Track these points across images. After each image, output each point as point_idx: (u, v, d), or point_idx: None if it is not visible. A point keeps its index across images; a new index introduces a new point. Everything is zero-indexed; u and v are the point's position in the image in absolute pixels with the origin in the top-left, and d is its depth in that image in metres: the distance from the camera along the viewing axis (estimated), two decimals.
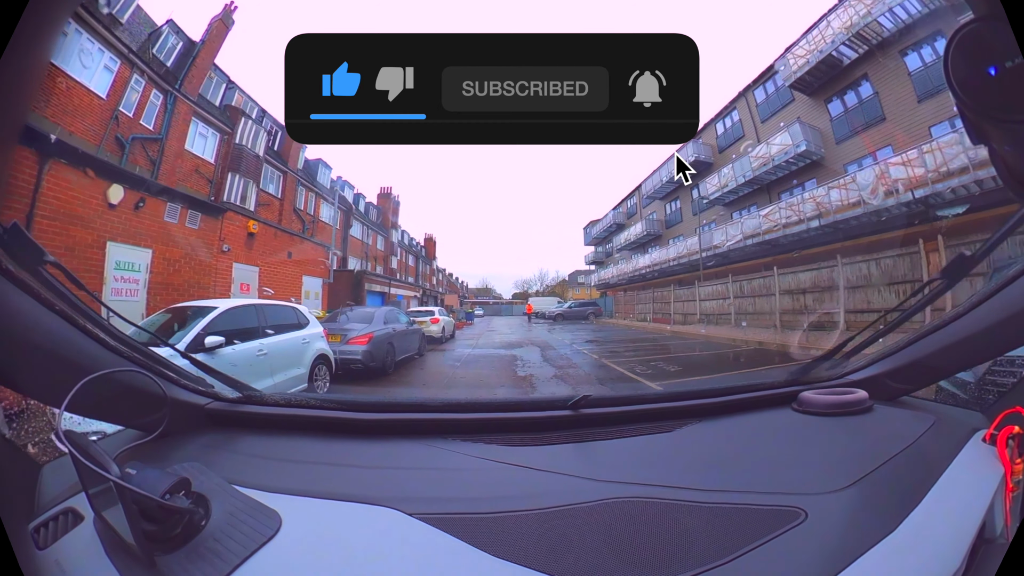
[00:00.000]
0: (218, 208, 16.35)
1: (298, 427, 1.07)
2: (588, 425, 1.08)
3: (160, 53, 15.61)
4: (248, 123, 18.85)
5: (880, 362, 1.27)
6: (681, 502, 0.77)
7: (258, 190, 19.01)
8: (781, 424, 1.14)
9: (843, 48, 18.56)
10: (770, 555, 0.65)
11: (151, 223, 12.51)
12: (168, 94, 15.37)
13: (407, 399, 1.36)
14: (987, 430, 0.97)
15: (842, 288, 13.41)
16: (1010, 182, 0.58)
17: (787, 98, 21.51)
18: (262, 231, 18.51)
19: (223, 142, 18.02)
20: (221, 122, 17.89)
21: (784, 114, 21.44)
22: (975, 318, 1.05)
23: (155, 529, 0.62)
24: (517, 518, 0.72)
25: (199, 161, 17.04)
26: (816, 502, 0.75)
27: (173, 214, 13.84)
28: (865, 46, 17.52)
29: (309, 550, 0.66)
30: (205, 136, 17.52)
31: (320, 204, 24.52)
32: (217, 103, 18.82)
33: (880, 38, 16.75)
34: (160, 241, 12.86)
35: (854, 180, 16.64)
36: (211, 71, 18.41)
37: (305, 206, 23.28)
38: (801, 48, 20.14)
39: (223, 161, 17.81)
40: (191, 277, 13.74)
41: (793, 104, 21.19)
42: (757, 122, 22.84)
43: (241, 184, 17.82)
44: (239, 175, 17.83)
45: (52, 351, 0.76)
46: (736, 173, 21.85)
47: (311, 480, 0.84)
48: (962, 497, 0.79)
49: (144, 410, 0.93)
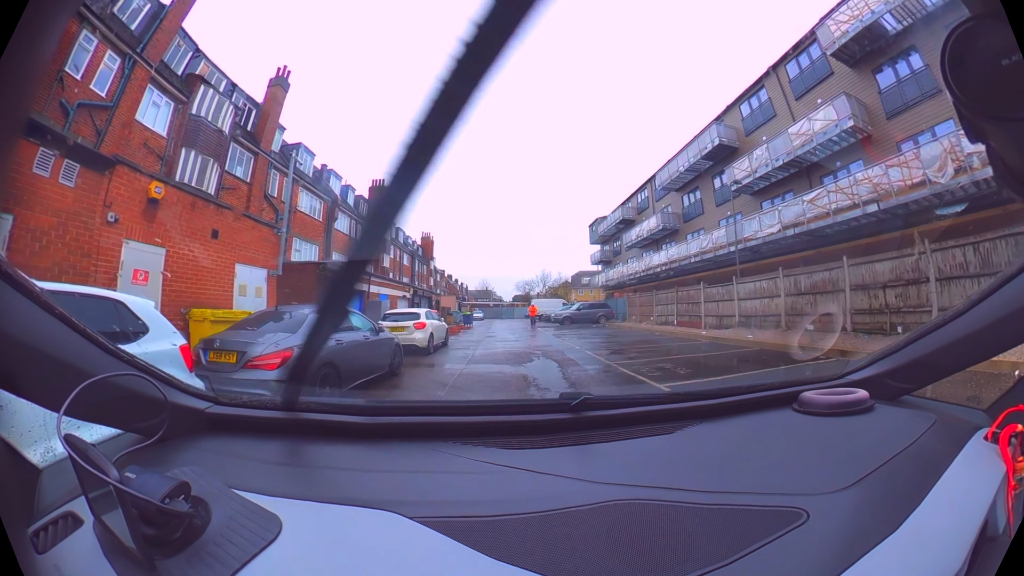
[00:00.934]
0: (105, 160, 11.23)
1: (298, 431, 1.06)
2: (589, 427, 1.08)
3: (123, 14, 13.40)
4: (209, 93, 16.20)
5: (880, 361, 1.29)
6: (682, 504, 0.76)
7: (221, 171, 16.35)
8: (782, 425, 1.14)
9: (889, 17, 16.14)
10: (772, 556, 0.64)
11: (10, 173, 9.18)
12: (126, 57, 12.85)
13: (407, 402, 1.29)
14: (989, 428, 0.98)
15: (933, 280, 10.76)
16: (1009, 180, 0.58)
17: (824, 71, 19.00)
18: (172, 197, 13.33)
19: (177, 112, 15.39)
20: (178, 90, 15.28)
21: (822, 90, 18.93)
22: (975, 316, 1.07)
23: (155, 533, 0.61)
24: (518, 521, 0.72)
25: (149, 133, 14.46)
26: (818, 502, 0.75)
27: (45, 164, 9.60)
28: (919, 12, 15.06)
29: (310, 554, 0.65)
30: (159, 105, 14.94)
31: (299, 192, 21.86)
32: (180, 72, 16.30)
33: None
34: (22, 202, 8.87)
35: (917, 156, 14.04)
36: (178, 36, 15.97)
37: (279, 193, 20.66)
38: (843, 13, 17.69)
39: (176, 134, 15.18)
40: (64, 257, 9.64)
41: (832, 78, 18.70)
42: (790, 99, 20.29)
43: (198, 162, 15.16)
44: (195, 151, 15.18)
45: (51, 354, 0.77)
46: (771, 155, 19.23)
47: (311, 484, 0.84)
48: (964, 496, 0.79)
49: (144, 414, 0.92)
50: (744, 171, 20.35)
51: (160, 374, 1.00)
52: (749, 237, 19.28)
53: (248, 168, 18.69)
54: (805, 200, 17.47)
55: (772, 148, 19.22)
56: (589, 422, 1.08)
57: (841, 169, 18.09)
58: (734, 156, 22.49)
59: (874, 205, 15.40)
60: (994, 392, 1.32)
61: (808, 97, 19.37)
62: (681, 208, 28.09)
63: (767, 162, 19.33)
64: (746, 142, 22.27)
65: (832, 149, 17.87)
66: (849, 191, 16.25)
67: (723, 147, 22.98)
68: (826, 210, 16.82)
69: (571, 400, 1.08)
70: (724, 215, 23.56)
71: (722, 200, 24.03)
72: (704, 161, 24.49)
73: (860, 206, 15.74)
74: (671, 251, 26.52)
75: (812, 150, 17.89)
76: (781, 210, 18.26)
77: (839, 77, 18.31)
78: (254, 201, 18.82)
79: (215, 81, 18.05)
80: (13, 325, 0.71)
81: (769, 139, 20.08)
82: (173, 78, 15.42)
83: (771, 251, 18.85)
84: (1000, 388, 1.25)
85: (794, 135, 18.39)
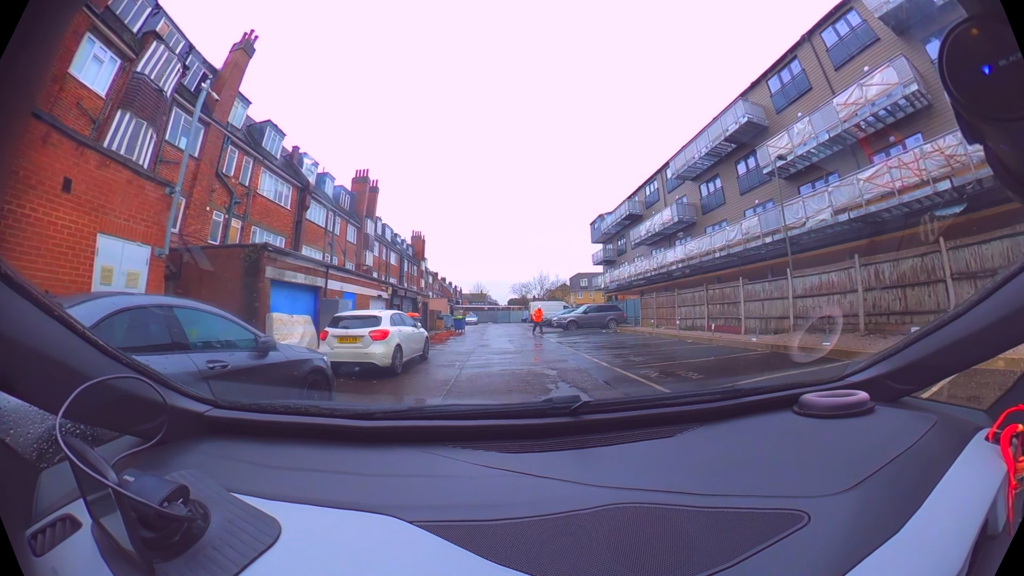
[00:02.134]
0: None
1: (297, 434, 1.06)
2: (589, 431, 1.07)
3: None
4: (160, 50, 13.33)
5: (880, 363, 1.28)
6: (683, 507, 0.76)
7: (159, 139, 13.39)
8: (782, 427, 1.12)
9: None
10: (773, 559, 0.64)
11: None
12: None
13: (407, 406, 1.18)
14: (990, 429, 0.98)
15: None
16: (1007, 180, 0.58)
17: (869, 37, 16.39)
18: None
19: (122, 70, 12.50)
20: (127, 45, 12.39)
21: (866, 57, 16.33)
22: (975, 317, 1.05)
23: (154, 536, 0.61)
24: (518, 525, 0.72)
25: (85, 92, 11.59)
26: (819, 505, 0.74)
27: None
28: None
29: (309, 558, 0.65)
30: (101, 60, 12.08)
31: (261, 173, 18.89)
32: (136, 30, 13.45)
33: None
34: None
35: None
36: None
37: (237, 174, 17.68)
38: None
39: (115, 95, 12.29)
40: None
41: (878, 44, 16.10)
42: (828, 69, 17.67)
43: (131, 126, 12.22)
44: (131, 113, 12.27)
45: (50, 356, 0.77)
46: (816, 127, 16.54)
47: (310, 488, 0.83)
48: (965, 496, 0.79)
49: (143, 417, 0.93)
50: (783, 150, 17.61)
51: (159, 377, 0.99)
52: (794, 224, 16.52)
53: (197, 140, 15.76)
54: (860, 179, 14.78)
55: (817, 120, 16.53)
56: (588, 426, 1.08)
57: (896, 145, 15.49)
58: (763, 137, 19.81)
59: (946, 182, 12.77)
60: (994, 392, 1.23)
61: (849, 68, 16.78)
62: (699, 199, 25.35)
63: (811, 137, 16.62)
64: (776, 120, 19.62)
65: (886, 121, 15.25)
66: (914, 166, 13.62)
67: (750, 126, 20.26)
68: (889, 188, 14.14)
69: (570, 404, 1.07)
70: (751, 204, 20.85)
71: (748, 187, 21.32)
72: (726, 144, 21.79)
73: (930, 183, 13.10)
74: (690, 246, 23.73)
75: (865, 119, 15.21)
76: (831, 191, 15.53)
77: (885, 45, 15.74)
78: (202, 179, 15.83)
79: (174, 43, 15.20)
80: (11, 327, 0.71)
81: (805, 114, 17.47)
82: (120, 29, 12.58)
83: (815, 242, 16.17)
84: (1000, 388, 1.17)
85: (841, 105, 15.72)
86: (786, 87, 19.57)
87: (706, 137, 22.72)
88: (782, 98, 19.69)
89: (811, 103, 17.80)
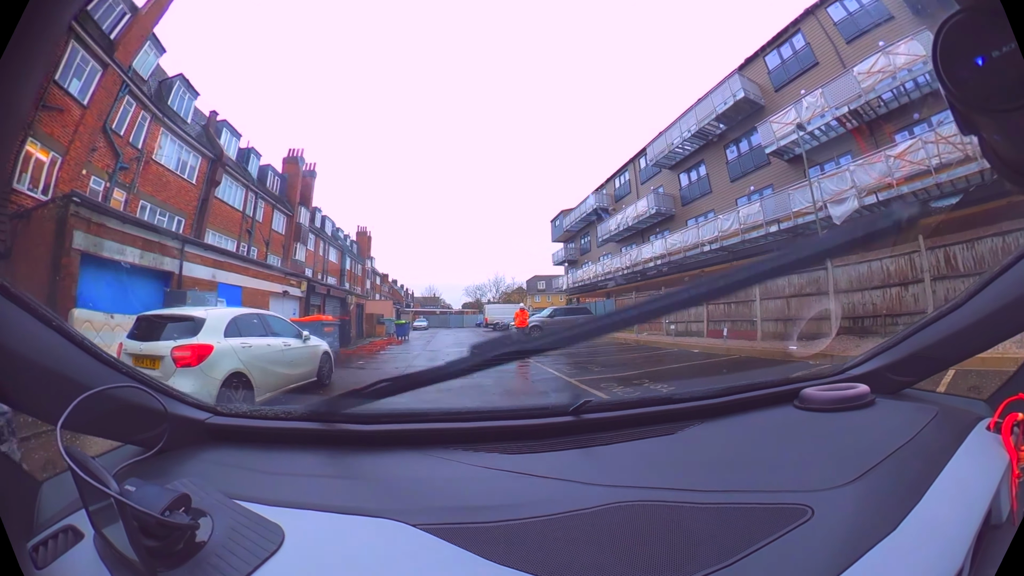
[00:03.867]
0: None
1: (298, 440, 1.05)
2: (590, 430, 1.06)
3: None
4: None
5: (880, 355, 1.28)
6: (686, 504, 0.76)
7: (46, 82, 9.25)
8: (783, 422, 1.12)
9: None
10: (777, 554, 0.64)
11: None
12: None
13: (407, 409, 1.15)
14: (991, 419, 0.98)
15: None
16: (1004, 171, 0.58)
17: (883, 13, 14.62)
18: None
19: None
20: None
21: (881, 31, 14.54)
22: (973, 308, 1.06)
23: (156, 546, 0.60)
24: (521, 525, 0.71)
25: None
26: (821, 499, 0.74)
27: None
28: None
29: (313, 564, 0.65)
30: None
31: (160, 135, 14.67)
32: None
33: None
34: None
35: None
36: None
37: (129, 132, 13.47)
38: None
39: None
40: None
41: (894, 21, 14.36)
42: (838, 42, 15.80)
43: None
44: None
45: (48, 367, 0.76)
46: (830, 100, 14.48)
47: (313, 493, 0.82)
48: (968, 486, 0.79)
49: (143, 426, 0.92)
50: (788, 125, 15.47)
51: (159, 385, 1.00)
52: (805, 210, 14.35)
53: (91, 85, 11.63)
54: (890, 155, 12.77)
55: (831, 92, 14.48)
56: (590, 425, 1.07)
57: (921, 122, 13.73)
58: (759, 116, 17.76)
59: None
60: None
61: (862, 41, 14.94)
62: (678, 189, 23.16)
63: (825, 110, 14.53)
64: (775, 98, 17.63)
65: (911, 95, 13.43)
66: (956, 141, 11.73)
67: (747, 103, 18.15)
68: (925, 167, 12.18)
69: (571, 404, 1.07)
70: (744, 191, 18.75)
71: (741, 173, 19.23)
72: (715, 125, 19.63)
73: (976, 159, 11.23)
74: (670, 240, 21.41)
75: (895, 88, 13.26)
76: (853, 171, 13.45)
77: (904, 19, 14.01)
78: (85, 131, 11.65)
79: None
80: (9, 337, 0.71)
81: (809, 90, 15.50)
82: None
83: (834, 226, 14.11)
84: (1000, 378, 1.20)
85: (863, 74, 13.74)
86: (787, 63, 17.61)
87: (693, 117, 20.49)
88: (781, 75, 17.73)
89: (817, 78, 15.89)
